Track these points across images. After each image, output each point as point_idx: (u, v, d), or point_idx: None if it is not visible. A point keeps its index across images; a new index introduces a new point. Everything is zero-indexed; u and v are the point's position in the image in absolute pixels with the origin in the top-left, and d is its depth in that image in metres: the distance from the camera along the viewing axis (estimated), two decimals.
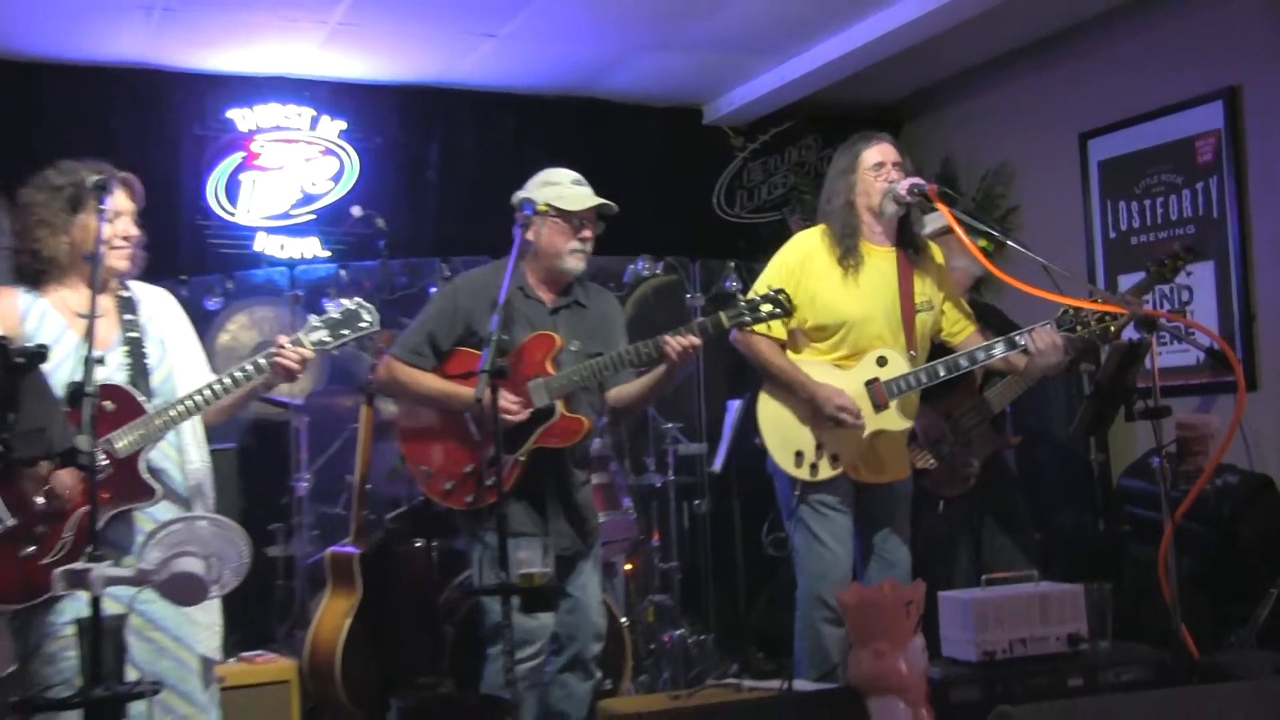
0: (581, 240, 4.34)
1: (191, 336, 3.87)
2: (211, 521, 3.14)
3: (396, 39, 6.81)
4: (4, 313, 3.55)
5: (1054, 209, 7.23)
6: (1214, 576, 5.20)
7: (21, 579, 3.35)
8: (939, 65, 7.58)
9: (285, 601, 6.32)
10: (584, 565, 4.43)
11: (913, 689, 3.19)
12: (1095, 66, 7.00)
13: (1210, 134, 6.34)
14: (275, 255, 7.28)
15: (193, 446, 3.68)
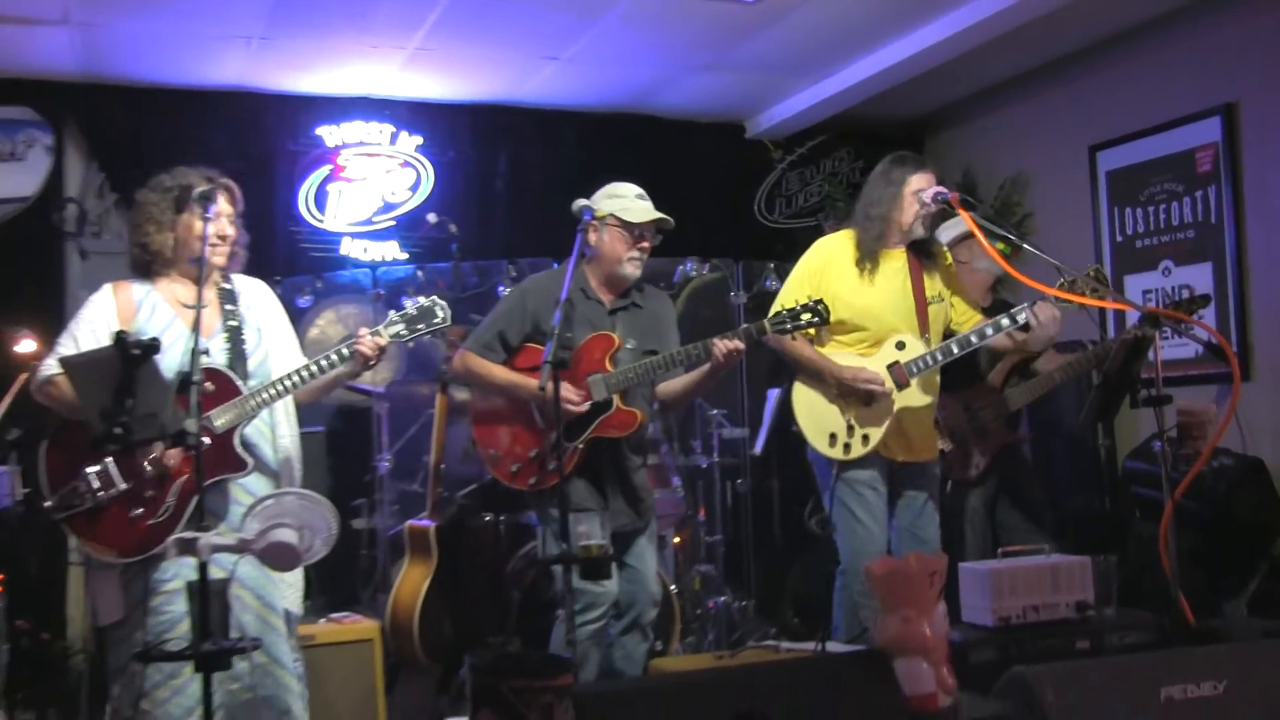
0: (640, 250, 4.37)
1: (286, 326, 3.93)
2: (304, 496, 3.18)
3: (468, 62, 6.83)
4: (121, 304, 3.62)
5: (1066, 215, 7.17)
6: (1210, 550, 5.18)
7: (131, 537, 3.44)
8: (959, 84, 7.52)
9: (369, 569, 6.36)
10: (641, 539, 4.44)
11: (935, 651, 3.18)
12: (1103, 85, 6.95)
13: (1209, 146, 6.30)
14: (359, 258, 7.32)
15: (284, 424, 3.74)
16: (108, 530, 3.46)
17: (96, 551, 3.47)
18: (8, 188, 6.68)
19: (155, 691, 3.36)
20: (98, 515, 3.46)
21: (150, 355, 2.95)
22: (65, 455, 3.52)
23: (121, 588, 3.49)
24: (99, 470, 3.45)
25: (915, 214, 4.54)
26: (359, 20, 6.12)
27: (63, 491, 3.44)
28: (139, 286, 3.68)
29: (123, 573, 3.48)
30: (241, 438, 3.56)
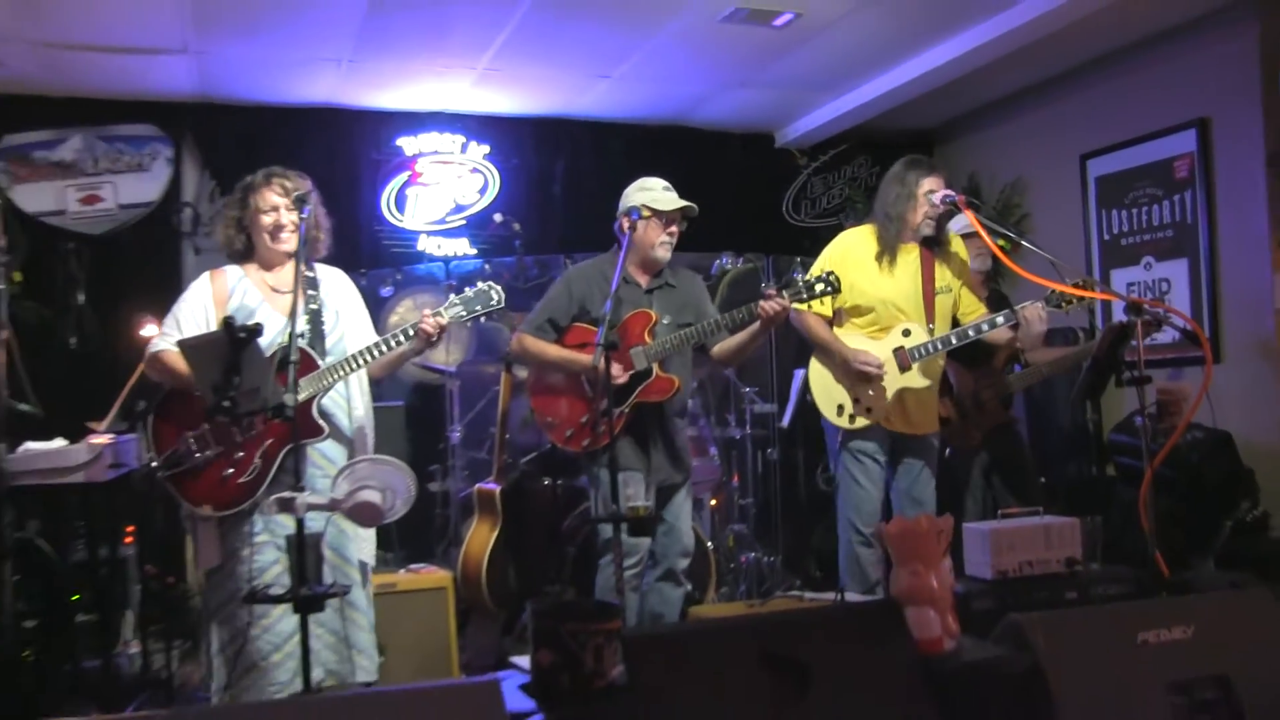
0: (669, 235, 4.40)
1: (361, 309, 3.93)
2: (387, 462, 3.20)
3: (530, 80, 6.85)
4: (216, 289, 3.67)
5: (1059, 216, 7.14)
6: (1183, 512, 5.18)
7: (224, 493, 3.49)
8: (965, 99, 7.49)
9: (442, 526, 6.42)
10: (678, 495, 4.46)
11: (941, 600, 3.18)
12: (1093, 100, 6.94)
13: (1186, 156, 6.30)
14: (434, 253, 7.36)
15: (358, 397, 3.74)
16: (205, 488, 3.51)
17: (196, 505, 3.52)
18: (136, 194, 6.79)
19: (249, 629, 3.42)
20: (196, 475, 3.51)
21: (254, 338, 2.99)
22: (169, 423, 3.57)
23: (219, 538, 3.54)
24: (197, 435, 3.50)
25: (925, 214, 4.54)
26: (434, 44, 6.16)
27: (167, 455, 3.50)
28: (233, 273, 3.71)
29: (219, 525, 3.53)
30: (319, 407, 3.58)
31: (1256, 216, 5.96)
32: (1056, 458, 6.41)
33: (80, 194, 6.72)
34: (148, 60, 6.20)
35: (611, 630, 2.88)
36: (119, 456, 4.33)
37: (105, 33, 5.82)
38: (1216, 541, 5.20)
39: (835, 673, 2.93)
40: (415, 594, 4.81)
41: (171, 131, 6.88)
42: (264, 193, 3.68)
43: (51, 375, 6.18)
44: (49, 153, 6.68)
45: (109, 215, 6.77)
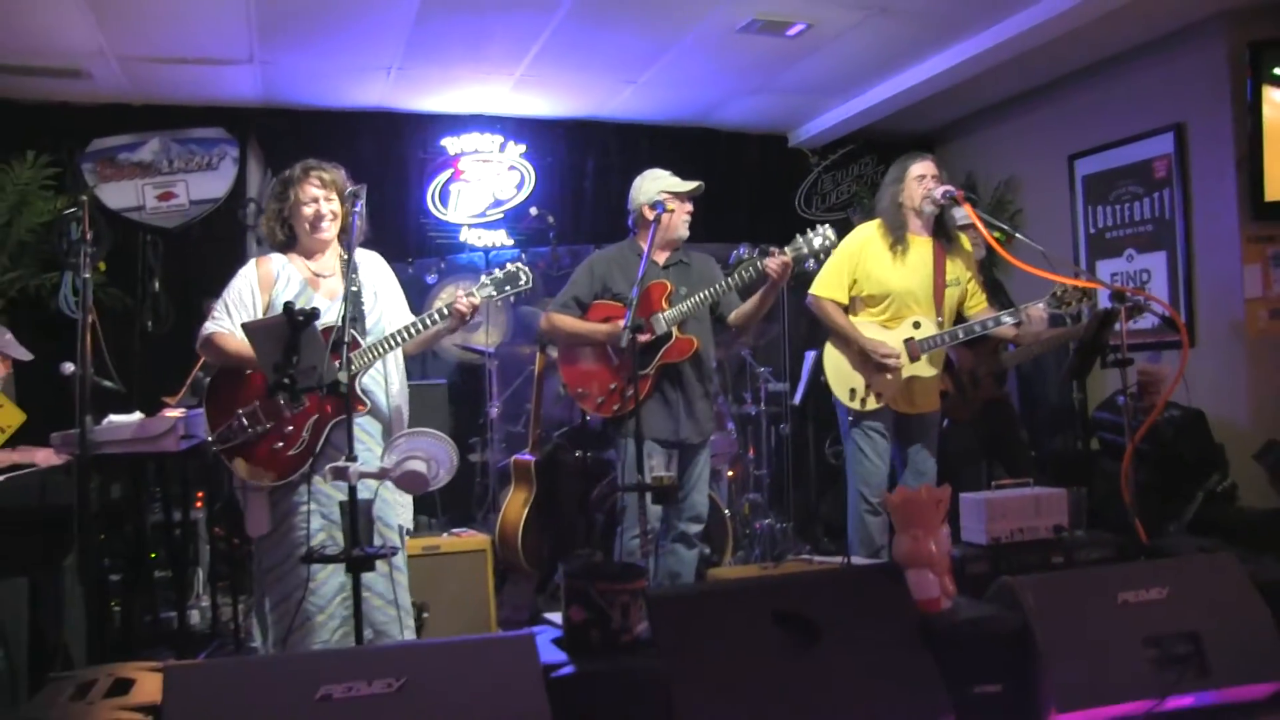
0: (687, 213, 4.43)
1: (397, 290, 3.84)
2: (431, 434, 3.20)
3: (563, 85, 6.84)
4: (262, 275, 3.60)
5: (1049, 211, 7.10)
6: (1160, 483, 5.17)
7: (275, 465, 3.44)
8: (963, 103, 7.44)
9: (482, 494, 6.44)
10: (698, 459, 4.45)
11: (939, 564, 3.18)
12: (1080, 105, 6.90)
13: (1164, 157, 6.28)
14: (474, 244, 7.36)
15: (394, 375, 3.66)
16: (257, 460, 3.46)
17: (249, 477, 3.48)
18: (205, 191, 6.83)
19: (297, 591, 3.38)
20: (249, 448, 3.46)
21: (311, 321, 2.98)
22: (220, 401, 3.52)
23: (269, 507, 3.50)
24: (249, 411, 3.46)
25: (920, 194, 4.51)
26: (475, 53, 6.15)
27: (220, 429, 3.46)
28: (277, 260, 3.64)
29: (270, 494, 3.49)
30: (360, 384, 3.53)
31: (1227, 213, 5.96)
32: (1045, 433, 6.39)
33: (157, 191, 6.77)
34: (217, 70, 6.23)
35: (637, 589, 2.89)
36: (190, 429, 4.35)
37: (181, 46, 5.87)
38: (1190, 510, 5.19)
39: (841, 629, 2.93)
40: (456, 555, 4.82)
41: (237, 134, 6.92)
42: (304, 186, 3.62)
43: (131, 355, 6.27)
44: (130, 154, 6.74)
45: (182, 210, 6.81)
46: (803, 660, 2.85)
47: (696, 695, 2.69)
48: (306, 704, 2.41)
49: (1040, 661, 2.96)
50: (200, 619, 5.33)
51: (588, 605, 2.84)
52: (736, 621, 2.90)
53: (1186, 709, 3.04)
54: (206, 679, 2.46)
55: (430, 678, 2.52)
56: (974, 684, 2.98)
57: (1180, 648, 3.05)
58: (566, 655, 2.81)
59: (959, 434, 5.19)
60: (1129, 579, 3.16)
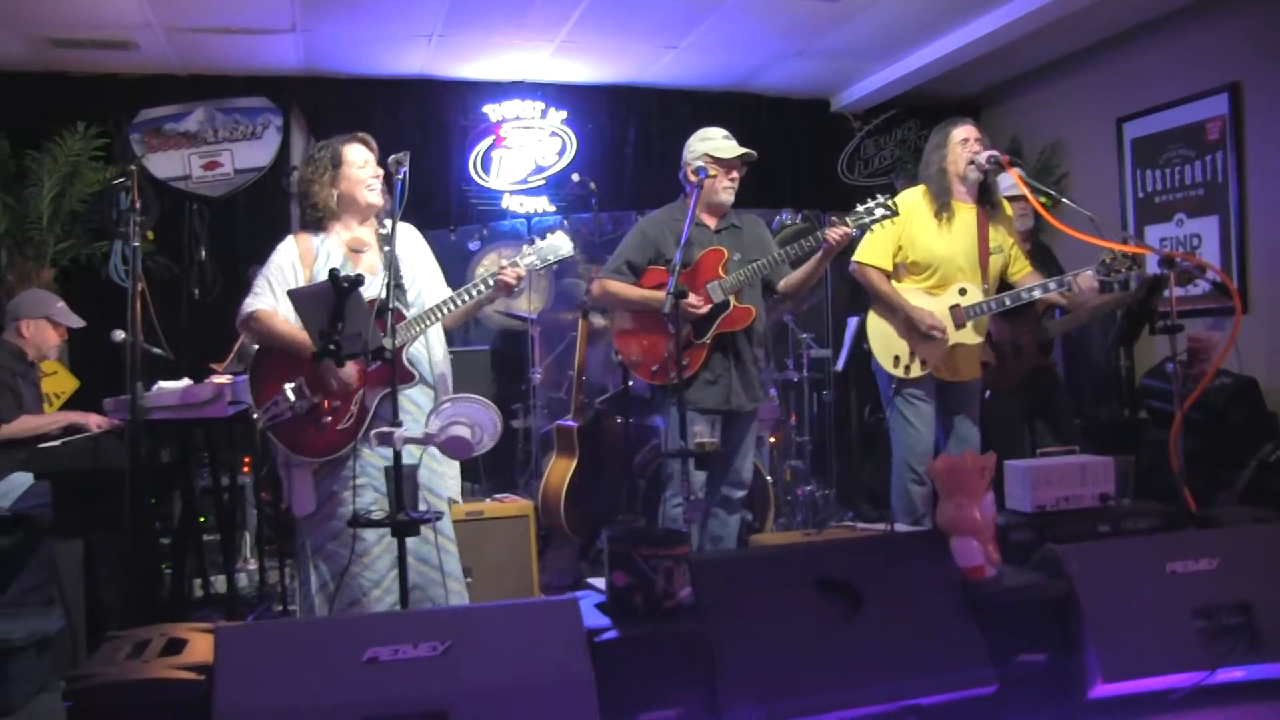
0: (731, 180, 4.35)
1: (432, 260, 3.80)
2: (475, 400, 3.20)
3: (604, 51, 6.80)
4: (302, 251, 3.57)
5: (1096, 176, 6.97)
6: (1209, 452, 5.08)
7: (323, 440, 3.41)
8: (1008, 66, 7.32)
9: (524, 460, 6.45)
10: (747, 428, 4.41)
11: (984, 531, 3.15)
12: (1129, 66, 6.75)
13: (1217, 119, 6.13)
14: (516, 210, 7.35)
15: (437, 345, 3.65)
16: (304, 436, 3.43)
17: (297, 453, 3.45)
18: (250, 160, 6.88)
19: (351, 567, 3.37)
20: (296, 424, 3.43)
21: (356, 289, 2.99)
22: (265, 377, 3.50)
23: (314, 485, 3.46)
24: (294, 387, 3.43)
25: (964, 158, 4.43)
26: (516, 19, 6.13)
27: (266, 406, 3.44)
28: (314, 236, 3.62)
29: (316, 471, 3.46)
30: (406, 356, 3.51)
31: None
32: (1091, 401, 6.32)
33: (202, 161, 6.83)
34: (261, 39, 6.26)
35: (680, 555, 2.89)
36: (237, 394, 4.40)
37: (225, 15, 5.90)
38: (1240, 480, 5.10)
39: (884, 596, 2.93)
40: (500, 521, 4.84)
41: (281, 103, 6.94)
42: (354, 146, 3.61)
43: (178, 323, 6.34)
44: (176, 125, 6.80)
45: (227, 179, 6.86)
46: (845, 626, 2.85)
47: (739, 660, 2.70)
48: (353, 665, 2.45)
49: (1086, 631, 2.94)
50: (248, 582, 5.41)
51: (631, 570, 2.85)
52: (779, 587, 2.90)
53: (1237, 682, 3.01)
54: (256, 640, 2.51)
55: (475, 641, 2.54)
56: (1018, 653, 2.97)
57: (1231, 619, 3.02)
58: (610, 620, 2.82)
59: (1002, 402, 5.14)
60: (1178, 548, 3.13)
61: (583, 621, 2.68)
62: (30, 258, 6.16)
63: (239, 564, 5.53)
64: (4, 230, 6.08)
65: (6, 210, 6.08)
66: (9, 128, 6.25)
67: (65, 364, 6.16)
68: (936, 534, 3.18)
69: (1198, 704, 2.96)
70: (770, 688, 2.67)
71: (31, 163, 6.15)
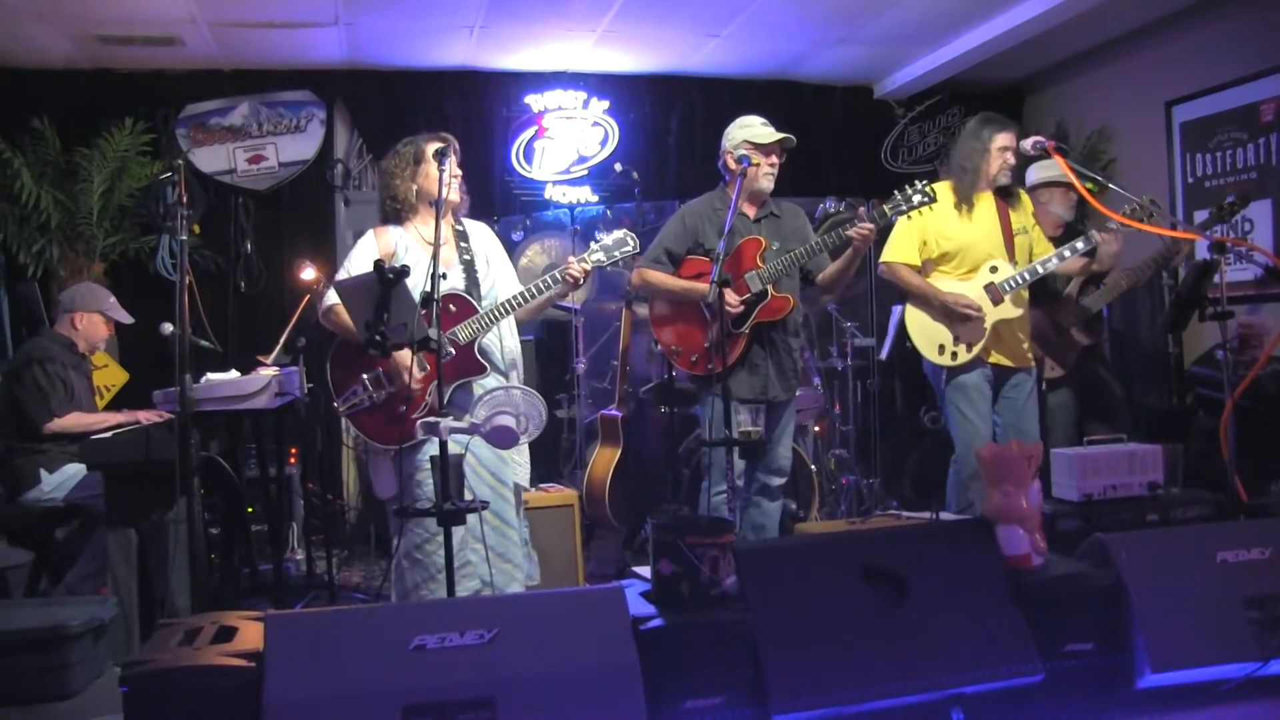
0: (771, 166, 4.34)
1: (506, 258, 3.97)
2: (521, 390, 3.26)
3: (645, 40, 6.80)
4: (382, 245, 3.72)
5: (1144, 161, 6.87)
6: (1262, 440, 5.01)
7: (399, 428, 3.53)
8: (1053, 51, 7.22)
9: (569, 449, 6.49)
10: (785, 414, 4.41)
11: (1030, 520, 3.14)
12: (1178, 49, 6.65)
13: (1271, 100, 6.02)
14: (559, 200, 7.38)
15: (509, 336, 3.78)
16: (381, 423, 3.59)
17: (375, 440, 3.61)
18: (294, 153, 6.97)
19: (425, 545, 3.52)
20: (374, 412, 3.60)
21: (401, 280, 3.03)
22: (343, 366, 3.67)
23: (393, 470, 3.61)
24: (372, 377, 3.58)
25: (1000, 166, 4.45)
26: (558, 9, 6.14)
27: (345, 394, 3.59)
28: (394, 230, 3.76)
29: (394, 457, 3.60)
30: (480, 347, 3.64)
31: None
32: (1139, 388, 6.25)
33: (247, 154, 6.92)
34: (303, 33, 6.32)
35: (726, 543, 2.91)
36: (284, 386, 4.47)
37: (268, 10, 5.96)
38: None
39: (930, 585, 2.92)
40: (545, 510, 4.87)
41: (324, 96, 7.03)
42: (436, 145, 3.69)
43: (225, 315, 6.44)
44: (221, 119, 6.90)
45: (271, 173, 6.95)
46: (891, 615, 2.85)
47: (785, 648, 2.71)
48: (401, 653, 2.49)
49: (1134, 621, 2.92)
50: (295, 571, 5.49)
51: (677, 559, 2.87)
52: (825, 575, 2.91)
53: None
54: (305, 628, 2.55)
55: (522, 629, 2.57)
56: (1065, 642, 2.96)
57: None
58: (655, 608, 2.84)
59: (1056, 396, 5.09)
60: (1229, 538, 3.10)
61: (629, 610, 2.70)
62: (80, 253, 6.30)
63: (287, 554, 5.61)
64: (55, 225, 6.21)
65: (58, 206, 6.20)
66: (59, 125, 6.38)
67: (115, 357, 6.28)
68: (983, 522, 3.17)
69: (1250, 695, 2.94)
70: (815, 675, 2.68)
71: (81, 159, 6.27)
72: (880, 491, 6.47)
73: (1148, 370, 6.29)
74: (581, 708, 2.52)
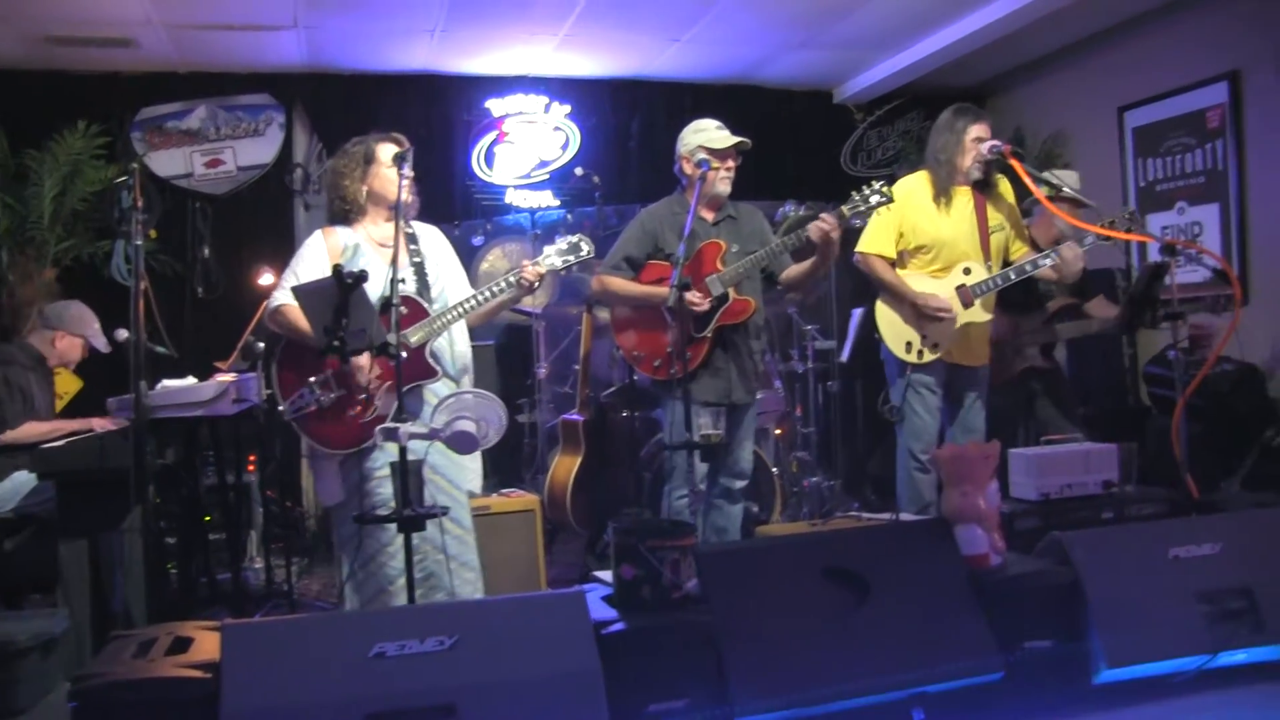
0: (728, 170, 4.32)
1: (456, 262, 3.88)
2: (480, 395, 3.21)
3: (607, 45, 6.80)
4: (331, 246, 3.62)
5: (1098, 164, 6.94)
6: (1212, 439, 5.10)
7: (349, 433, 3.46)
8: (1010, 56, 7.32)
9: (530, 454, 6.47)
10: (747, 417, 4.39)
11: (988, 519, 3.17)
12: (1130, 56, 6.77)
13: (1217, 107, 6.15)
14: (520, 205, 7.35)
15: (460, 339, 3.70)
16: (329, 428, 3.49)
17: (322, 445, 3.50)
18: (252, 157, 6.91)
19: (377, 556, 3.44)
20: (321, 416, 3.48)
21: (360, 284, 2.99)
22: (291, 369, 3.55)
23: (341, 476, 3.52)
24: (320, 380, 3.48)
25: (973, 158, 4.44)
26: (519, 13, 6.13)
27: (292, 398, 3.49)
28: (343, 231, 3.67)
29: (342, 463, 3.51)
30: (431, 350, 3.57)
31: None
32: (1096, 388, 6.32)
33: (205, 158, 6.85)
34: (263, 36, 6.27)
35: (687, 546, 2.91)
36: (242, 392, 4.42)
37: (227, 12, 5.91)
38: (1243, 465, 5.13)
39: (890, 585, 2.94)
40: (506, 515, 4.84)
41: (283, 99, 6.97)
42: (388, 145, 3.65)
43: (182, 321, 6.37)
44: (179, 122, 6.82)
45: (230, 177, 6.89)
46: (852, 616, 2.86)
47: (747, 650, 2.71)
48: (361, 661, 2.46)
49: (1091, 617, 2.96)
50: (254, 580, 5.43)
51: (638, 562, 2.87)
52: (786, 577, 2.92)
53: (1240, 665, 3.03)
54: (263, 637, 2.52)
55: (483, 635, 2.56)
56: (1024, 640, 2.98)
57: (1233, 603, 3.04)
58: (617, 612, 2.83)
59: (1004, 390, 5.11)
60: (1181, 534, 3.14)
61: (590, 614, 2.69)
62: (32, 258, 6.19)
63: (245, 562, 5.55)
64: (5, 230, 6.10)
65: (7, 210, 6.10)
66: (9, 127, 6.27)
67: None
68: (942, 522, 3.19)
69: (1202, 687, 2.98)
70: (778, 677, 2.69)
71: (32, 162, 6.17)
72: (841, 493, 6.50)
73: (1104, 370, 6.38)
74: (544, 713, 2.50)
